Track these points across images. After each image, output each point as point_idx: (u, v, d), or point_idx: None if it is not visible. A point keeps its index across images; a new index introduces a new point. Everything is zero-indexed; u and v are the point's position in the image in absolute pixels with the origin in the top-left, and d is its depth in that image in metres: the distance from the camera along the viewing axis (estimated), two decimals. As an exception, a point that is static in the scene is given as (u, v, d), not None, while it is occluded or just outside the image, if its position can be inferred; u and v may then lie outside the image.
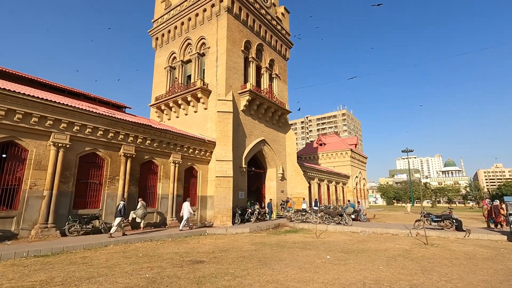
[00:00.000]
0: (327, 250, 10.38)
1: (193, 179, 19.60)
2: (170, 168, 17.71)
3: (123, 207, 12.74)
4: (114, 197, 14.64)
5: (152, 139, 16.56)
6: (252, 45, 24.94)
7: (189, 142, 18.78)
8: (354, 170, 48.75)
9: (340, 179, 43.88)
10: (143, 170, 16.43)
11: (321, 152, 50.30)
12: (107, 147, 14.64)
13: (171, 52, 26.23)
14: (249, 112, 23.23)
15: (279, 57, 29.08)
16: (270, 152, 25.24)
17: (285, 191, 26.67)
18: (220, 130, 19.82)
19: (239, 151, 21.45)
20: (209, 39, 23.21)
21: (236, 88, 22.31)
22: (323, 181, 38.50)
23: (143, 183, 16.36)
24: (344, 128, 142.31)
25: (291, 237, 13.95)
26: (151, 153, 16.79)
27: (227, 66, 21.78)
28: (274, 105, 24.94)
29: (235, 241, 12.57)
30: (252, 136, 23.20)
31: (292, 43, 30.95)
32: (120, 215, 12.48)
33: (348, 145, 50.13)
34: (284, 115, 26.99)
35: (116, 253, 9.61)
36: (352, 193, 46.42)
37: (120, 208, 12.63)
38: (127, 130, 15.25)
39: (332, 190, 41.00)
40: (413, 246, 11.40)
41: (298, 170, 27.60)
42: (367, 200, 55.67)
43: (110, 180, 14.66)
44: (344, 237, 14.18)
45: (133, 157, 15.52)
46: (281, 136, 27.41)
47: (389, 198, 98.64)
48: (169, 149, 17.63)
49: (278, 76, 28.14)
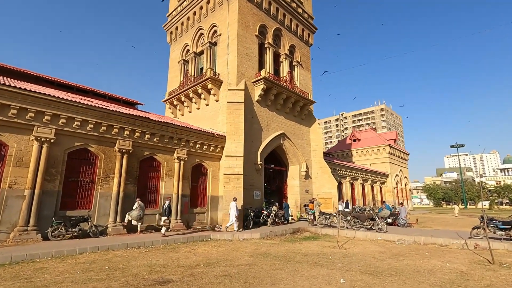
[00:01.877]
0: (345, 268, 7.69)
1: (202, 178, 17.79)
2: (174, 165, 16.06)
3: (168, 207, 13.15)
4: (108, 196, 13.28)
5: (151, 133, 15.03)
6: (268, 30, 22.60)
7: (196, 136, 17.00)
8: (393, 167, 43.81)
9: (377, 177, 39.50)
10: (143, 167, 14.96)
11: (355, 148, 46.06)
12: (100, 142, 13.34)
13: (185, 44, 24.91)
14: (265, 103, 20.90)
15: (301, 43, 26.33)
16: (292, 148, 22.63)
17: (311, 191, 23.83)
18: (231, 122, 17.78)
19: (253, 146, 19.23)
20: (220, 26, 21.37)
21: (250, 77, 20.13)
22: (356, 180, 34.70)
23: (143, 181, 14.88)
24: (383, 124, 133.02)
25: (306, 246, 11.35)
26: (152, 148, 15.27)
27: (239, 52, 19.70)
28: (294, 94, 22.31)
29: (235, 251, 10.35)
30: (269, 130, 20.83)
31: (315, 28, 27.99)
32: (165, 214, 12.96)
33: (385, 140, 45.28)
34: (307, 106, 24.18)
35: (80, 264, 7.95)
36: (391, 193, 41.61)
37: (165, 207, 13.08)
38: (122, 123, 13.85)
39: (368, 190, 36.91)
40: (472, 265, 8.20)
41: (325, 167, 24.57)
42: (410, 201, 49.96)
43: (104, 178, 13.33)
44: (374, 247, 11.21)
45: (130, 153, 14.08)
46: (304, 129, 24.63)
47: (436, 199, 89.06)
48: (173, 144, 16.00)
49: (299, 64, 25.41)
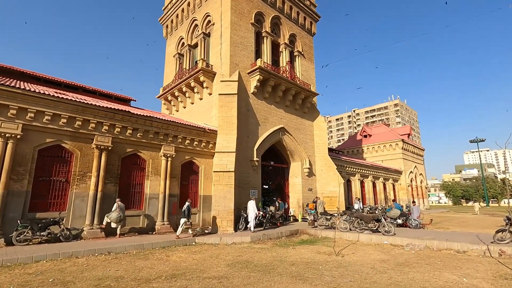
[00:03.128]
0: (332, 285, 6.20)
1: (193, 176, 16.58)
2: (160, 163, 14.92)
3: (187, 208, 12.87)
4: (85, 197, 12.24)
5: (134, 128, 13.92)
6: (265, 18, 21.15)
7: (185, 131, 15.80)
8: (407, 164, 41.36)
9: (389, 174, 37.28)
10: (125, 165, 13.87)
11: (366, 144, 43.85)
12: (76, 138, 12.32)
13: (180, 37, 23.82)
14: (262, 95, 19.47)
15: (303, 32, 24.72)
16: (293, 143, 21.10)
17: (314, 190, 22.23)
18: (222, 116, 16.48)
19: (249, 141, 17.87)
20: (214, 15, 20.10)
21: (245, 67, 18.77)
22: (367, 178, 32.70)
23: (125, 180, 13.79)
24: (398, 120, 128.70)
25: (297, 253, 9.90)
26: (135, 145, 14.17)
27: (232, 41, 18.36)
28: (294, 86, 20.76)
29: (213, 258, 9.03)
30: (267, 124, 19.40)
31: (318, 16, 26.30)
32: (184, 216, 12.71)
33: (398, 135, 42.84)
34: (309, 99, 22.57)
35: (25, 276, 6.85)
36: (405, 191, 39.24)
37: (184, 209, 12.82)
38: (99, 117, 12.78)
39: (380, 188, 34.80)
40: (497, 281, 6.52)
41: (330, 164, 22.90)
42: (427, 199, 47.22)
43: (80, 178, 12.30)
44: (377, 254, 9.62)
45: (109, 149, 13.01)
46: (306, 123, 23.03)
47: (455, 197, 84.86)
48: (158, 140, 14.85)
49: (301, 54, 23.82)
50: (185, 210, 12.85)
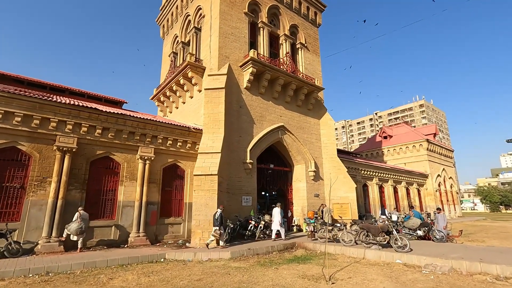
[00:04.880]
0: None
1: (178, 181, 14.82)
2: (137, 166, 13.30)
3: (220, 216, 11.92)
4: (43, 206, 10.78)
5: (104, 128, 12.43)
6: (261, 8, 19.33)
7: (166, 131, 14.14)
8: (434, 167, 37.32)
9: (413, 178, 33.61)
10: (95, 169, 12.35)
11: (386, 146, 40.29)
12: (33, 139, 10.97)
13: (174, 35, 22.59)
14: (258, 91, 17.50)
15: (306, 22, 22.62)
16: (295, 143, 18.83)
17: (322, 195, 19.71)
18: (208, 113, 14.68)
19: (242, 141, 15.89)
20: (205, 7, 18.59)
21: (237, 60, 16.95)
22: (386, 182, 29.44)
23: (95, 186, 12.25)
24: (424, 121, 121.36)
25: (276, 276, 7.66)
26: (107, 146, 12.65)
27: (221, 32, 16.66)
28: (295, 79, 18.60)
29: (163, 284, 7.04)
30: (263, 122, 17.35)
31: (324, 5, 24.12)
32: (216, 224, 11.76)
33: (423, 135, 38.95)
34: (313, 94, 20.27)
35: None
36: (432, 196, 35.21)
37: (217, 217, 11.87)
38: (61, 115, 11.40)
39: (402, 194, 31.27)
40: None
41: (340, 166, 20.31)
42: (459, 206, 42.44)
43: (39, 183, 10.89)
44: (381, 280, 7.16)
45: (74, 151, 11.55)
46: (311, 121, 20.69)
47: (493, 203, 77.21)
48: (134, 141, 13.27)
49: (304, 46, 21.68)
50: (218, 218, 11.83)
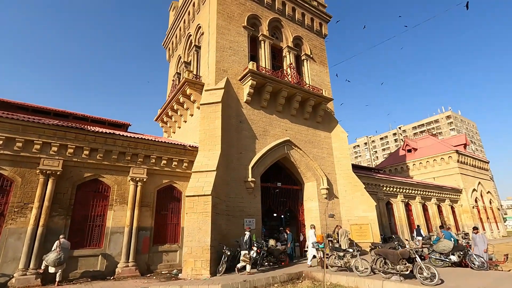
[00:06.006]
0: None
1: (173, 204, 13.73)
2: (128, 189, 12.42)
3: (249, 239, 11.30)
4: (22, 234, 10.02)
5: (92, 149, 11.80)
6: (262, 21, 18.83)
7: (160, 150, 13.32)
8: (467, 180, 33.76)
9: (444, 194, 30.36)
10: (82, 193, 11.60)
11: (411, 160, 37.32)
12: (16, 163, 10.47)
13: (178, 56, 22.59)
14: (259, 104, 16.51)
15: (311, 34, 21.84)
16: (304, 159, 17.35)
17: (338, 216, 17.75)
18: (204, 129, 13.77)
19: (243, 158, 14.72)
20: (204, 24, 18.38)
21: (236, 74, 16.22)
22: (413, 199, 26.64)
23: (81, 212, 11.42)
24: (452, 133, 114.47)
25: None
26: (96, 168, 11.95)
27: (218, 46, 16.13)
28: (300, 90, 17.48)
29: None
30: (267, 137, 16.17)
31: (329, 16, 23.36)
32: (245, 248, 11.08)
33: (451, 146, 35.79)
34: (321, 105, 18.94)
35: None
36: (469, 214, 31.45)
37: (246, 239, 11.21)
38: (46, 137, 10.92)
39: (433, 212, 28.11)
40: None
41: (356, 182, 18.40)
42: (502, 224, 37.75)
43: (19, 210, 10.22)
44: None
45: (59, 175, 10.92)
46: (321, 135, 19.20)
47: (543, 220, 68.99)
48: (125, 162, 12.50)
49: (310, 57, 20.74)
50: (247, 241, 11.19)
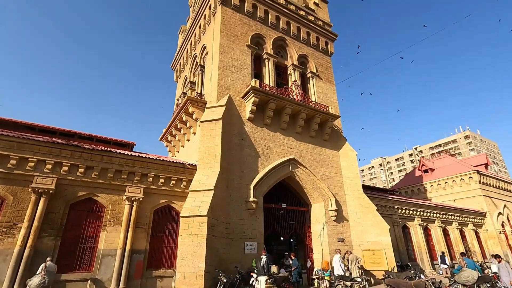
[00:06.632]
0: None
1: (171, 225, 13.06)
2: (123, 209, 11.92)
3: (266, 262, 10.55)
4: (8, 255, 9.56)
5: (88, 167, 11.52)
6: (266, 40, 18.87)
7: (158, 168, 12.92)
8: (491, 203, 31.44)
9: (466, 218, 28.21)
10: (75, 213, 11.18)
11: (428, 181, 35.41)
12: (9, 180, 10.26)
13: (184, 77, 22.86)
14: (263, 121, 16.08)
15: (316, 52, 21.71)
16: (310, 178, 16.50)
17: (348, 240, 16.49)
18: (204, 146, 13.36)
19: (244, 177, 14.08)
20: (208, 44, 18.59)
21: (238, 91, 16.00)
22: (432, 223, 24.79)
23: (73, 232, 10.94)
24: (472, 153, 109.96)
25: None
26: (90, 187, 11.59)
27: (221, 64, 16.09)
28: (304, 107, 17.00)
29: None
30: (271, 155, 15.55)
31: (335, 35, 23.31)
32: (262, 273, 10.28)
33: (471, 166, 33.83)
34: (328, 123, 18.30)
35: None
36: (496, 240, 28.90)
37: (263, 263, 10.51)
38: (41, 154, 10.75)
39: (455, 237, 25.98)
40: None
41: (367, 204, 17.24)
42: (534, 251, 34.44)
43: (8, 230, 9.85)
44: None
45: (51, 193, 10.60)
46: (329, 154, 18.39)
47: None
48: (122, 180, 12.12)
49: (316, 75, 20.45)
50: (264, 265, 10.42)
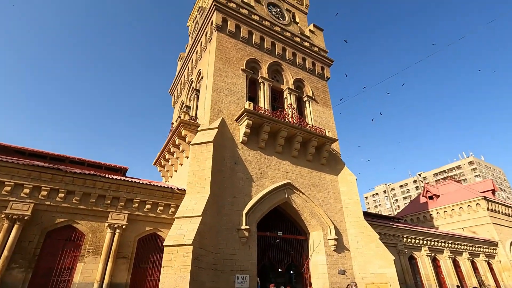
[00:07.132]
0: None
1: (157, 256, 12.10)
2: (104, 237, 11.09)
3: None
4: (-29, 290, 8.69)
5: (69, 191, 10.90)
6: (261, 65, 18.97)
7: (144, 193, 12.24)
8: (502, 231, 29.83)
9: (477, 247, 26.57)
10: (51, 241, 10.39)
11: (434, 208, 34.00)
12: (-19, 206, 9.64)
13: (181, 102, 22.82)
14: (257, 145, 15.60)
15: (312, 76, 21.77)
16: (307, 204, 15.65)
17: (350, 272, 15.23)
18: (194, 170, 12.75)
19: (236, 203, 13.31)
20: (203, 69, 18.68)
21: (232, 114, 15.72)
22: (441, 253, 23.28)
23: (46, 264, 10.07)
24: (477, 179, 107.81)
25: None
26: (70, 213, 10.88)
27: (215, 87, 15.99)
28: (300, 130, 16.59)
29: None
30: (265, 179, 14.87)
31: (331, 60, 23.53)
32: None
33: (477, 192, 32.63)
34: (325, 146, 17.77)
35: None
36: (511, 272, 27.00)
37: None
38: (19, 178, 10.20)
39: (467, 269, 24.26)
40: None
41: (369, 232, 16.17)
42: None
43: (-26, 261, 9.04)
44: None
45: (27, 220, 9.89)
46: (327, 178, 17.66)
47: None
48: (104, 206, 11.42)
49: (312, 99, 20.30)
50: None
